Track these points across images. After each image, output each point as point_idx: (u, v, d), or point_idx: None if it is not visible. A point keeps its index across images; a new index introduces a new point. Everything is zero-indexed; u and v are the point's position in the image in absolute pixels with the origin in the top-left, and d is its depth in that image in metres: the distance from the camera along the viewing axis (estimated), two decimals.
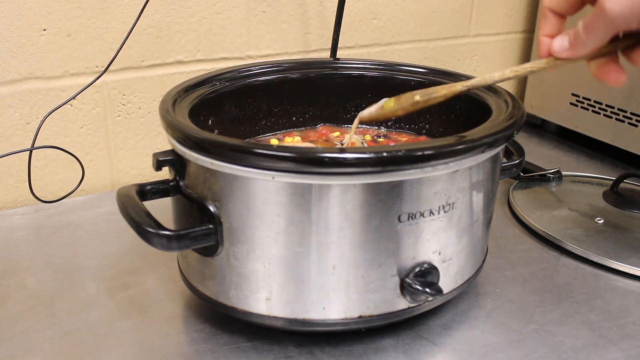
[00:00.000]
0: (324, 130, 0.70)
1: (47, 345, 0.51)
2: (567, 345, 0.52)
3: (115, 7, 0.76)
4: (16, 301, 0.57)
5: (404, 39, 0.98)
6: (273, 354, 0.51)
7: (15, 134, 0.75)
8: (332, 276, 0.47)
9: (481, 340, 0.53)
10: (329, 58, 0.78)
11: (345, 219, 0.46)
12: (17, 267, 0.62)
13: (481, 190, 0.51)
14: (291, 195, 0.45)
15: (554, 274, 0.63)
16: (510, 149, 0.63)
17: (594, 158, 0.94)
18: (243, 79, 0.65)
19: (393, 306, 0.50)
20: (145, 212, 0.47)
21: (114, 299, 0.58)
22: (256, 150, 0.44)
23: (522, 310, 0.57)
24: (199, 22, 0.81)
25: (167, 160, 0.50)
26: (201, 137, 0.47)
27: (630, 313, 0.57)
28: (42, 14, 0.73)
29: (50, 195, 0.78)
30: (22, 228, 0.70)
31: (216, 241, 0.48)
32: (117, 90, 0.79)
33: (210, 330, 0.53)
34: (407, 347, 0.52)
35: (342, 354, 0.51)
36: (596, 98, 0.93)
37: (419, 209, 0.47)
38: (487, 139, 0.48)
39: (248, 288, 0.49)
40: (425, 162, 0.46)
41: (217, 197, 0.47)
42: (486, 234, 0.56)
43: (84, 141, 0.79)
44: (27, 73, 0.74)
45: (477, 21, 1.04)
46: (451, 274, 0.52)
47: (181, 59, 0.82)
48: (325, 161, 0.44)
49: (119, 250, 0.65)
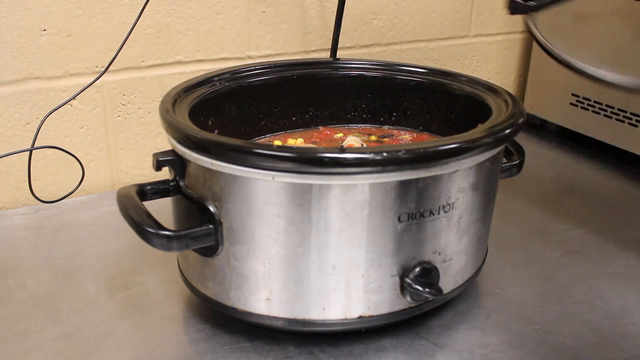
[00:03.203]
0: (327, 132, 0.70)
1: (47, 345, 0.51)
2: (567, 345, 0.52)
3: (115, 7, 0.76)
4: (16, 301, 0.57)
5: (404, 39, 0.98)
6: (273, 354, 0.51)
7: (15, 134, 0.75)
8: (332, 276, 0.47)
9: (481, 340, 0.53)
10: (329, 58, 0.78)
11: (345, 219, 0.46)
12: (17, 267, 0.62)
13: (481, 190, 0.51)
14: (291, 195, 0.45)
15: (554, 274, 0.63)
16: (510, 149, 0.63)
17: (594, 158, 0.94)
18: (243, 79, 0.65)
19: (393, 306, 0.50)
20: (145, 212, 0.47)
21: (114, 299, 0.58)
22: (256, 150, 0.44)
23: (522, 310, 0.57)
24: (199, 22, 0.81)
25: (167, 161, 0.50)
26: (201, 137, 0.47)
27: (630, 313, 0.57)
28: (42, 14, 0.73)
29: (50, 195, 0.77)
30: (22, 228, 0.70)
31: (216, 241, 0.48)
32: (117, 90, 0.79)
33: (210, 330, 0.53)
34: (407, 347, 0.52)
35: (342, 354, 0.51)
36: (596, 98, 0.93)
37: (419, 209, 0.47)
38: (487, 139, 0.48)
39: (248, 288, 0.49)
40: (425, 162, 0.46)
41: (217, 197, 0.47)
42: (486, 234, 0.56)
43: (84, 141, 0.79)
44: (27, 73, 0.74)
45: (477, 21, 1.04)
46: (451, 274, 0.52)
47: (181, 59, 0.82)
48: (325, 161, 0.44)
49: (119, 250, 0.65)
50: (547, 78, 1.02)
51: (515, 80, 1.13)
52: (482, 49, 1.07)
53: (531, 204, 0.78)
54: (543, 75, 1.02)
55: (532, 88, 1.05)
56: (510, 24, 1.08)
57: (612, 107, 0.90)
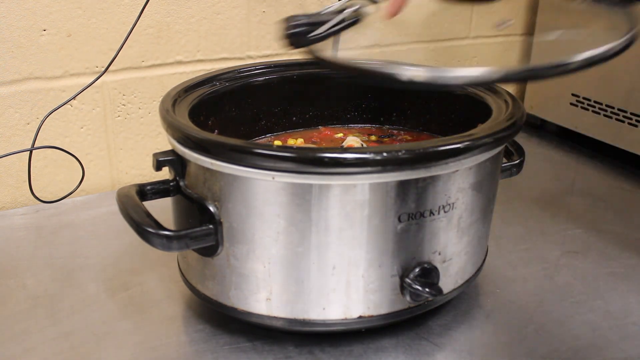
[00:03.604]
0: (327, 132, 0.70)
1: (47, 345, 0.51)
2: (567, 345, 0.52)
3: (115, 7, 0.76)
4: (16, 301, 0.57)
5: (404, 39, 0.98)
6: (273, 354, 0.51)
7: (15, 134, 0.75)
8: (332, 276, 0.47)
9: (481, 340, 0.53)
10: None
11: (345, 219, 0.46)
12: (17, 267, 0.62)
13: (481, 190, 0.51)
14: (291, 195, 0.45)
15: (554, 274, 0.63)
16: (510, 149, 0.63)
17: (594, 158, 0.94)
18: (243, 79, 0.65)
19: (393, 306, 0.50)
20: (145, 212, 0.47)
21: (114, 299, 0.58)
22: (256, 150, 0.44)
23: (522, 310, 0.57)
24: (199, 22, 0.81)
25: (167, 161, 0.50)
26: (201, 137, 0.47)
27: (630, 313, 0.57)
28: (42, 14, 0.73)
29: (50, 195, 0.77)
30: (22, 228, 0.70)
31: (216, 241, 0.48)
32: (117, 90, 0.79)
33: (210, 330, 0.53)
34: (407, 347, 0.52)
35: (342, 354, 0.51)
36: (596, 98, 0.93)
37: (419, 209, 0.47)
38: (487, 139, 0.48)
39: (248, 288, 0.49)
40: (425, 162, 0.46)
41: (217, 197, 0.47)
42: (486, 234, 0.56)
43: (84, 141, 0.79)
44: (27, 73, 0.74)
45: (477, 23, 1.04)
46: (451, 274, 0.52)
47: (181, 59, 0.82)
48: (325, 161, 0.44)
49: (119, 250, 0.65)
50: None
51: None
52: (482, 50, 1.07)
53: (531, 204, 0.78)
54: None
55: (532, 88, 1.05)
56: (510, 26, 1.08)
57: (612, 107, 0.90)
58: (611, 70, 0.89)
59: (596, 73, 0.91)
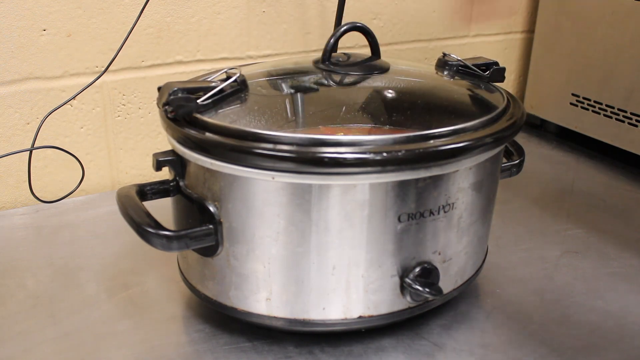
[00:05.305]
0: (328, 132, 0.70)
1: (47, 345, 0.51)
2: (567, 345, 0.52)
3: (115, 7, 0.76)
4: (16, 301, 0.57)
5: (404, 39, 0.98)
6: (273, 354, 0.51)
7: (15, 134, 0.75)
8: (332, 276, 0.47)
9: (481, 341, 0.53)
10: None
11: (345, 219, 0.46)
12: (17, 267, 0.62)
13: (481, 190, 0.51)
14: (291, 195, 0.45)
15: (554, 274, 0.63)
16: (510, 149, 0.63)
17: (594, 158, 0.94)
18: None
19: (393, 306, 0.50)
20: (145, 212, 0.47)
21: (114, 299, 0.58)
22: (256, 150, 0.44)
23: (522, 310, 0.57)
24: (199, 22, 0.81)
25: (167, 161, 0.50)
26: (201, 137, 0.47)
27: (630, 313, 0.57)
28: (42, 14, 0.73)
29: (50, 195, 0.77)
30: (22, 228, 0.70)
31: (216, 241, 0.48)
32: (117, 90, 0.79)
33: (210, 330, 0.53)
34: (407, 347, 0.52)
35: (342, 354, 0.51)
36: (596, 98, 0.93)
37: (419, 209, 0.47)
38: (487, 139, 0.48)
39: (248, 288, 0.49)
40: (425, 162, 0.46)
41: (217, 197, 0.47)
42: (486, 234, 0.56)
43: (84, 141, 0.79)
44: (27, 73, 0.74)
45: (477, 21, 1.04)
46: (451, 274, 0.52)
47: (181, 59, 0.82)
48: (325, 161, 0.44)
49: (119, 250, 0.65)
50: (546, 78, 1.02)
51: (515, 80, 1.13)
52: (482, 49, 1.07)
53: (531, 204, 0.78)
54: (543, 75, 1.02)
55: (532, 88, 1.05)
56: (510, 24, 1.08)
57: (612, 107, 0.90)
58: (611, 70, 0.89)
59: (596, 73, 0.91)
